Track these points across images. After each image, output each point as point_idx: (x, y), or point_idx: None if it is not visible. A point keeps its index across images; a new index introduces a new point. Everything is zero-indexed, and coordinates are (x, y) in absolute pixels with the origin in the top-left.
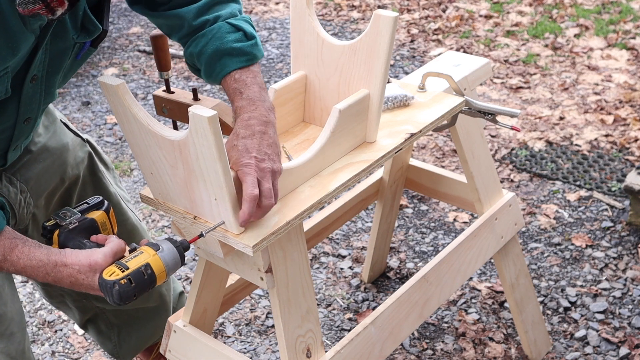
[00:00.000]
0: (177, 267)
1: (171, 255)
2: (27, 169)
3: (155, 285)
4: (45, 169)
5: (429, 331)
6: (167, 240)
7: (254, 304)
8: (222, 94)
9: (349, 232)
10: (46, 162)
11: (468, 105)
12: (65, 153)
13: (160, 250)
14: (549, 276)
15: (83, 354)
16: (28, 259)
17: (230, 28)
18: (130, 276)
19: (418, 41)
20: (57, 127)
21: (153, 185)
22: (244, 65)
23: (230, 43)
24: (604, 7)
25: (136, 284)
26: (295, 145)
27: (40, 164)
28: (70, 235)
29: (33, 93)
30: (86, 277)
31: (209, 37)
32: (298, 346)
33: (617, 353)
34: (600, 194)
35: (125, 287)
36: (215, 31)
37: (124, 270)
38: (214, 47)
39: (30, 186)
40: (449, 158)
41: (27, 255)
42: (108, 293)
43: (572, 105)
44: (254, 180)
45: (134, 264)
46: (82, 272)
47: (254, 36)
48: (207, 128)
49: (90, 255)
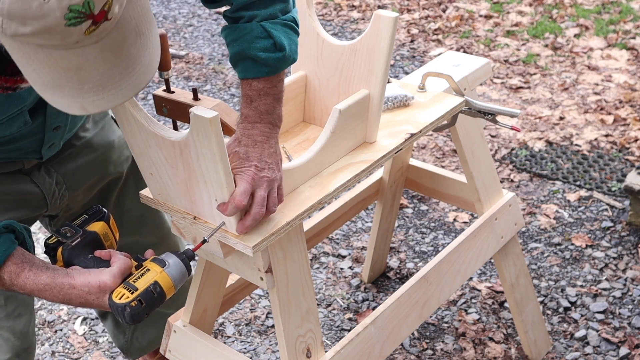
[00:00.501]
0: (184, 278)
1: (177, 269)
2: (66, 163)
3: (165, 300)
4: (85, 164)
5: (429, 331)
6: (171, 253)
7: (254, 304)
8: (222, 94)
9: (349, 232)
10: (87, 158)
11: (468, 105)
12: (109, 150)
13: (166, 266)
14: (549, 276)
15: (83, 354)
16: (34, 283)
17: (262, 33)
18: (140, 297)
19: (418, 41)
20: (106, 123)
21: (153, 186)
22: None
23: (256, 50)
24: (604, 7)
25: (146, 304)
26: (295, 145)
27: (81, 159)
28: (74, 252)
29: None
30: (96, 297)
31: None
32: (298, 346)
33: (617, 353)
34: (600, 194)
35: (137, 309)
36: (246, 31)
37: (133, 291)
38: (239, 48)
39: (67, 179)
40: (449, 158)
41: (32, 280)
42: (120, 315)
43: (572, 105)
44: (246, 189)
45: (142, 284)
46: (92, 293)
47: (284, 47)
48: (208, 129)
49: (99, 277)
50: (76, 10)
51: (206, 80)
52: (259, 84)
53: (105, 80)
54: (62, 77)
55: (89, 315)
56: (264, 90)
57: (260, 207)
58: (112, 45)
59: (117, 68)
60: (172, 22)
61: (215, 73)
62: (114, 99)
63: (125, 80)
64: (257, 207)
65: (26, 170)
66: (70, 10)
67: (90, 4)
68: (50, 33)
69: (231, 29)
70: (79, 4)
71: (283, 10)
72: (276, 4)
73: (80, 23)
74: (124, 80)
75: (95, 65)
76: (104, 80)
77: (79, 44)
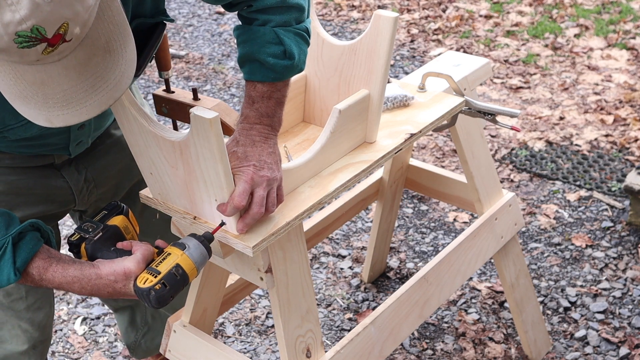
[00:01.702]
0: (205, 260)
1: (198, 251)
2: (96, 160)
3: (189, 282)
4: (114, 161)
5: (429, 331)
6: (191, 236)
7: (254, 304)
8: (222, 94)
9: (349, 232)
10: (117, 155)
11: (468, 105)
12: None
13: (187, 249)
14: (549, 276)
15: (83, 354)
16: (63, 276)
17: (273, 38)
18: (164, 280)
19: (418, 41)
20: None
21: (153, 185)
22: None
23: (266, 55)
24: (604, 7)
25: (170, 286)
26: (295, 145)
27: (110, 157)
28: (97, 246)
29: None
30: (123, 285)
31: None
32: (298, 346)
33: (617, 353)
34: (600, 194)
35: (161, 292)
36: (258, 34)
37: (156, 275)
38: (250, 49)
39: (96, 176)
40: (449, 158)
41: (61, 273)
42: (145, 299)
43: (572, 105)
44: (245, 189)
45: (165, 268)
46: (119, 281)
47: (293, 56)
48: (208, 129)
49: (124, 264)
50: (25, 35)
51: (206, 80)
52: (263, 87)
53: (69, 96)
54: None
55: (89, 315)
56: (268, 93)
57: (260, 206)
58: (76, 63)
59: (81, 85)
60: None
61: (215, 73)
62: (79, 115)
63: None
64: (256, 207)
65: (57, 165)
66: (18, 36)
67: (40, 29)
68: (7, 53)
69: (244, 29)
70: (26, 30)
71: (297, 19)
72: (292, 12)
73: (34, 46)
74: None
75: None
76: (68, 97)
77: (40, 62)
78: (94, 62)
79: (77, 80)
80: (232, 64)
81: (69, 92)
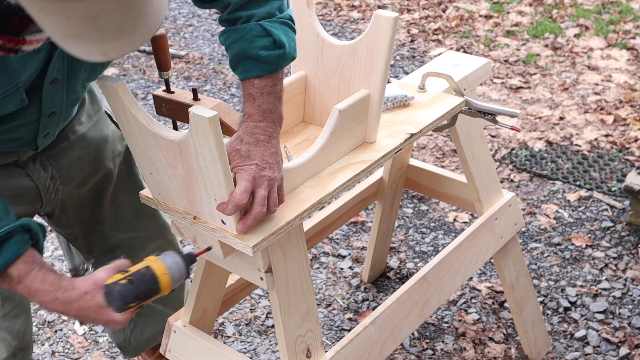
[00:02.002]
0: (181, 276)
1: (174, 263)
2: (61, 156)
3: (159, 289)
4: (79, 158)
5: (429, 331)
6: (172, 251)
7: (254, 304)
8: (222, 94)
9: (349, 232)
10: (82, 152)
11: (468, 105)
12: (103, 145)
13: (162, 256)
14: (549, 276)
15: (83, 354)
16: (41, 282)
17: (261, 32)
18: (131, 277)
19: (418, 41)
20: (100, 118)
21: (153, 186)
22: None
23: (257, 49)
24: (604, 7)
25: (137, 284)
26: (295, 145)
27: (76, 153)
28: None
29: (54, 93)
30: (92, 296)
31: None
32: (298, 346)
33: (617, 353)
34: (600, 194)
35: (126, 287)
36: (245, 32)
37: (124, 273)
38: (240, 49)
39: (62, 173)
40: (449, 158)
41: (41, 278)
42: (110, 297)
43: (572, 105)
44: (247, 188)
45: (135, 268)
46: (89, 291)
47: (283, 44)
48: (207, 128)
49: (94, 275)
50: None
51: (206, 80)
52: (261, 82)
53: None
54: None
55: None
56: (267, 88)
57: (262, 206)
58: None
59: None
60: (172, 22)
61: (215, 73)
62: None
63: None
64: (258, 207)
65: (22, 162)
66: None
67: None
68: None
69: (230, 31)
70: None
71: (279, 8)
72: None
73: None
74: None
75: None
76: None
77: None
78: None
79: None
80: None
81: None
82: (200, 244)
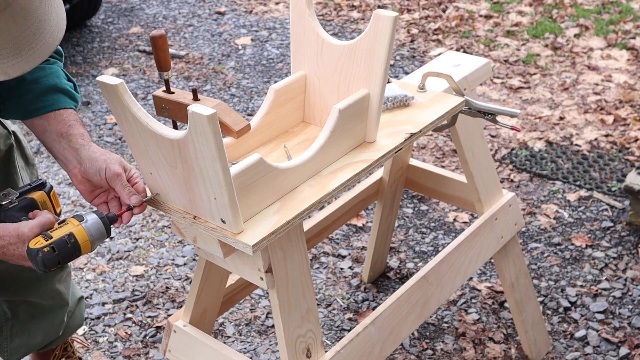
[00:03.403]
0: (102, 237)
1: (95, 226)
2: None
3: (80, 254)
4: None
5: (429, 331)
6: (94, 212)
7: (254, 304)
8: (222, 94)
9: (349, 232)
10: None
11: (468, 105)
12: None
13: (84, 222)
14: (549, 276)
15: (83, 354)
16: None
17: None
18: (54, 245)
19: (418, 41)
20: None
21: (152, 185)
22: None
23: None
24: (604, 7)
25: (59, 252)
26: (295, 145)
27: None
28: (9, 213)
29: None
30: (16, 247)
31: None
32: (298, 346)
33: (617, 353)
34: (600, 194)
35: (49, 255)
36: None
37: (48, 239)
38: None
39: None
40: (449, 158)
41: None
42: (33, 260)
43: (572, 105)
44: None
45: (58, 234)
46: (12, 243)
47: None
48: (206, 127)
49: (18, 227)
50: None
51: (206, 80)
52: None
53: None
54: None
55: (89, 315)
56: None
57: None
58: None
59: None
60: (172, 22)
61: (215, 73)
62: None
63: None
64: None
65: None
66: None
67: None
68: None
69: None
70: None
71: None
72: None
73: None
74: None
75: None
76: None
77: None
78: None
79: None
80: (232, 64)
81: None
82: (200, 243)
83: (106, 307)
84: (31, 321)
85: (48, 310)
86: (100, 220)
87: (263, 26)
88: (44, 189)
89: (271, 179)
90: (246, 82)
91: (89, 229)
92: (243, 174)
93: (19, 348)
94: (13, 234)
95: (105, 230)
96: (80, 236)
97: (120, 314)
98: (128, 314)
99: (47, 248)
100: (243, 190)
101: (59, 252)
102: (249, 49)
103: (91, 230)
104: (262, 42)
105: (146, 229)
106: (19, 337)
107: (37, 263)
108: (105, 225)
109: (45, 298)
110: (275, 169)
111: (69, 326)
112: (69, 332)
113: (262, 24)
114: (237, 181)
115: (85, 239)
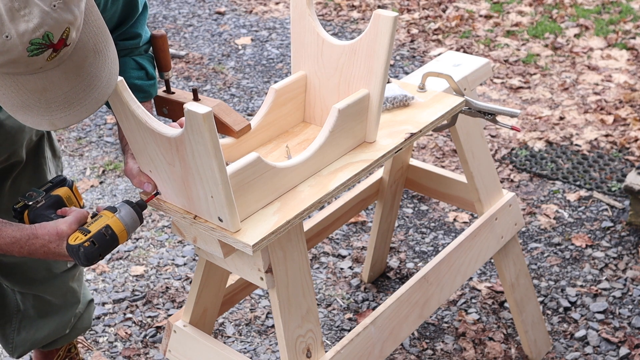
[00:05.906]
0: (136, 225)
1: (129, 215)
2: None
3: (118, 244)
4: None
5: (429, 331)
6: (125, 202)
7: (254, 304)
8: (222, 94)
9: (349, 232)
10: None
11: (468, 105)
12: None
13: (118, 212)
14: (549, 276)
15: (83, 354)
16: (1, 237)
17: (134, 65)
18: (93, 238)
19: (418, 41)
20: None
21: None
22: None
23: (133, 79)
24: (604, 7)
25: (99, 245)
26: (296, 145)
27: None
28: (38, 213)
29: None
30: (56, 245)
31: None
32: (298, 346)
33: (617, 353)
34: (600, 194)
35: (90, 249)
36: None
37: (86, 234)
38: None
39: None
40: (449, 158)
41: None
42: (75, 256)
43: (572, 105)
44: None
45: (95, 227)
46: (52, 241)
47: (154, 77)
48: (202, 125)
49: (57, 226)
50: (37, 42)
51: (206, 80)
52: None
53: (70, 98)
54: (30, 99)
55: None
56: None
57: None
58: (73, 66)
59: (80, 86)
60: (172, 22)
61: (215, 73)
62: (80, 113)
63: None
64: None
65: None
66: (31, 44)
67: (50, 35)
68: (15, 63)
69: None
70: (39, 37)
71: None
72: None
73: (42, 52)
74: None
75: (60, 85)
76: (69, 98)
77: (43, 69)
78: (88, 62)
79: (76, 81)
80: (232, 64)
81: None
82: (201, 243)
83: (106, 307)
84: (40, 317)
85: (58, 308)
86: (132, 209)
87: (263, 26)
88: (67, 185)
89: (269, 178)
90: (246, 82)
91: (124, 219)
92: (240, 172)
93: (24, 342)
94: (53, 233)
95: (138, 218)
96: (117, 227)
97: (120, 314)
98: (128, 314)
99: (87, 243)
100: (240, 188)
101: (99, 245)
102: (249, 49)
103: (125, 219)
104: (262, 42)
105: (146, 229)
106: (25, 331)
107: (80, 258)
108: (137, 213)
109: (58, 295)
110: (273, 168)
111: (77, 328)
112: (75, 333)
113: (262, 24)
114: (234, 180)
115: (121, 229)
